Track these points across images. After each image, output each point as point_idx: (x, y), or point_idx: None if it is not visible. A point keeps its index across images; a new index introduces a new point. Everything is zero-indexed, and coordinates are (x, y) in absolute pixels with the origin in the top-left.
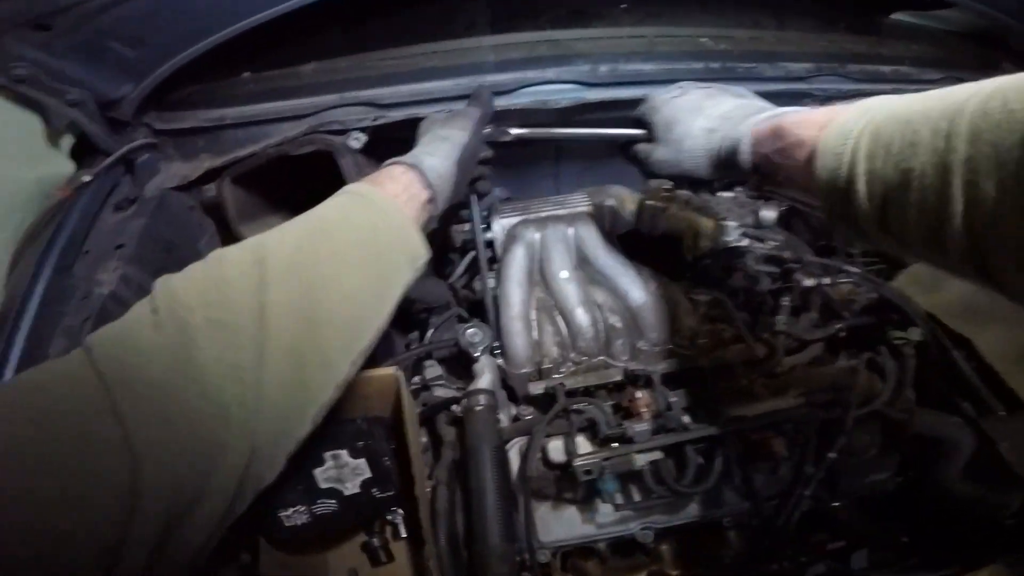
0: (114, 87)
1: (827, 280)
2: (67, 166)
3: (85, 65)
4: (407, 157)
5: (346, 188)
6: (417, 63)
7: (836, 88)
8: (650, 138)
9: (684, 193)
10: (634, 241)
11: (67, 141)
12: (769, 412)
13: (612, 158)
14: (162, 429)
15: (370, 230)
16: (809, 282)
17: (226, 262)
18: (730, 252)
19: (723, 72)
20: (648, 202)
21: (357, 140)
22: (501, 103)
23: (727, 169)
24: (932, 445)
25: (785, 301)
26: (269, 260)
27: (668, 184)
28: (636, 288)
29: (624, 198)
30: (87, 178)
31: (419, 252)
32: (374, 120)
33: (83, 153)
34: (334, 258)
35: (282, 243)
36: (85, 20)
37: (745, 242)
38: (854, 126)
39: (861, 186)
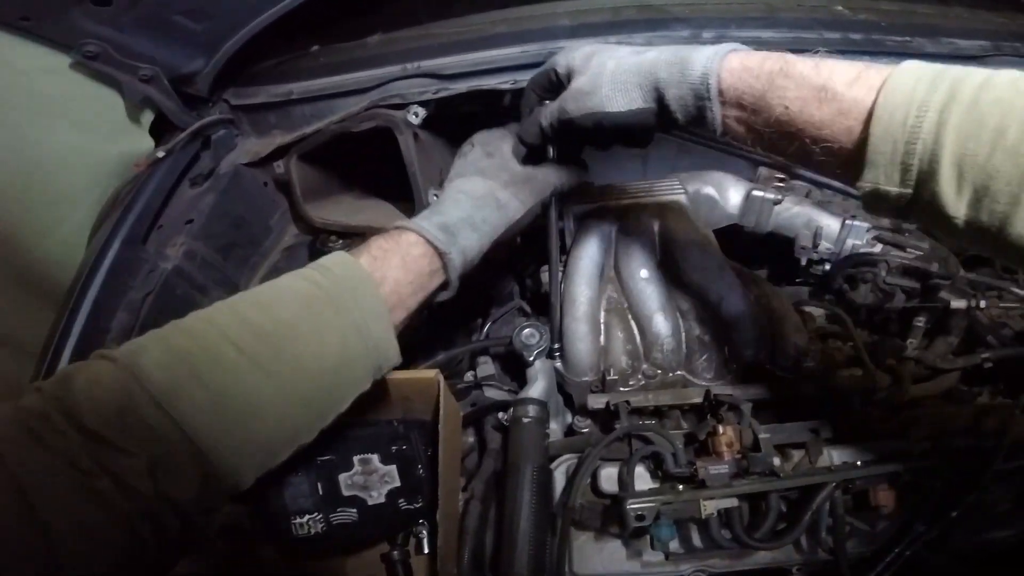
0: (184, 62)
1: (982, 303)
2: (147, 142)
3: (153, 40)
4: (441, 234)
5: (335, 264)
6: (482, 30)
7: None
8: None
9: (802, 184)
10: (735, 238)
11: (147, 117)
12: (886, 458)
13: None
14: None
15: (337, 339)
16: (959, 303)
17: (134, 389)
18: (858, 259)
19: (867, 45)
20: (756, 192)
21: (416, 115)
22: None
23: (665, 109)
24: None
25: (919, 321)
26: (191, 389)
27: (781, 173)
28: (733, 295)
29: (727, 186)
30: (161, 154)
31: (389, 361)
32: (435, 93)
33: (163, 129)
34: (278, 377)
35: (216, 360)
36: None
37: (878, 248)
38: (928, 95)
39: (947, 168)
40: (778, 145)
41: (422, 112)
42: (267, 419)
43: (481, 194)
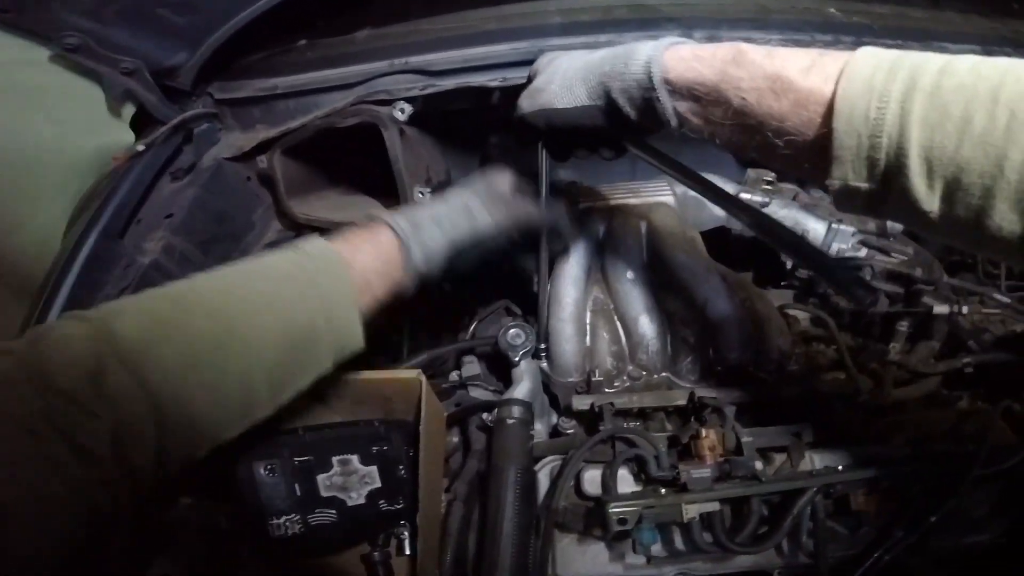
0: (167, 55)
1: (964, 308)
2: (128, 135)
3: (135, 33)
4: (407, 225)
5: (311, 246)
6: (472, 27)
7: None
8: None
9: (790, 187)
10: (723, 241)
11: (128, 111)
12: (866, 463)
13: (704, 142)
14: None
15: (305, 316)
16: (941, 308)
17: (105, 351)
18: (843, 263)
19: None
20: (744, 195)
21: (402, 111)
22: None
23: (614, 105)
24: None
25: (902, 326)
26: (161, 354)
27: (770, 175)
28: (719, 297)
29: None
30: (141, 147)
31: (352, 344)
32: (422, 89)
33: (145, 123)
34: (245, 345)
35: (188, 326)
36: None
37: (863, 252)
38: (887, 84)
39: (915, 162)
40: (740, 140)
41: (409, 108)
42: (229, 389)
43: (455, 200)
